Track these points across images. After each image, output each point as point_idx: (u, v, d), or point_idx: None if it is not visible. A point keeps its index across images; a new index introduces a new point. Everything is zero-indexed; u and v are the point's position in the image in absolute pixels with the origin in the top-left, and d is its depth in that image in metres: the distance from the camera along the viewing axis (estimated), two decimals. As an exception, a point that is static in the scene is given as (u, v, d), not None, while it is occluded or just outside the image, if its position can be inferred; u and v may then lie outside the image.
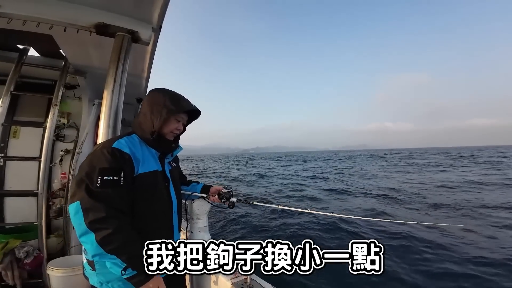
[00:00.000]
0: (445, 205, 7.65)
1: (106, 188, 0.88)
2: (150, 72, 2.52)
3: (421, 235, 4.94)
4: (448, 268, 3.76)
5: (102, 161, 0.91)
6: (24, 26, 1.58)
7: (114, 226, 0.85)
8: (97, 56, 2.17)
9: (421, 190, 10.26)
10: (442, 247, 4.45)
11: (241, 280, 1.18)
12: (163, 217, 1.11)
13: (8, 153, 2.59)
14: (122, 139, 1.02)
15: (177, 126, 1.15)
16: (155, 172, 1.07)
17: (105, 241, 0.84)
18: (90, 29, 1.56)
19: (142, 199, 1.01)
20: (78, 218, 0.84)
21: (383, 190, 10.63)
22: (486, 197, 8.63)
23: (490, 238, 4.93)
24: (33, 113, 2.74)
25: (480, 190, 10.01)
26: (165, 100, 1.08)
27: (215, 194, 1.47)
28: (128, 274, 0.87)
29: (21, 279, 2.18)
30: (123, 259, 0.86)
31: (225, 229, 5.94)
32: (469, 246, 4.51)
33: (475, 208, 7.13)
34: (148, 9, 1.58)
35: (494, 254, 4.12)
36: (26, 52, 2.36)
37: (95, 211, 0.84)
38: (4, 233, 2.32)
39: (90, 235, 0.84)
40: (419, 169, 19.87)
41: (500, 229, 5.37)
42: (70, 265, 1.97)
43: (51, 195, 2.60)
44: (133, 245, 0.89)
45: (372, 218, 4.22)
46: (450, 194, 9.44)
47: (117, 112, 1.57)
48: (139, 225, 0.98)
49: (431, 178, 14.10)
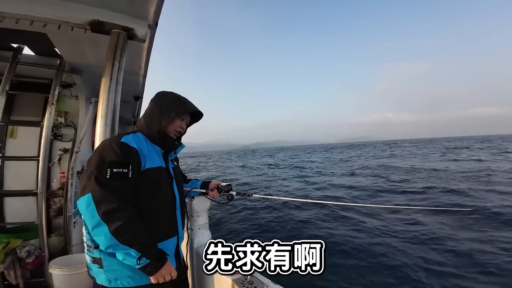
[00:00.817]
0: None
1: (116, 180, 0.91)
2: (147, 70, 2.50)
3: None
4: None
5: (111, 154, 0.94)
6: (17, 25, 1.55)
7: (127, 217, 0.88)
8: (92, 54, 2.15)
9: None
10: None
11: (241, 277, 1.19)
12: (167, 212, 1.14)
13: (6, 153, 2.58)
14: (129, 135, 1.06)
15: (181, 125, 1.21)
16: (159, 168, 1.11)
17: (118, 232, 0.85)
18: (85, 27, 1.54)
19: (147, 194, 1.04)
20: (90, 210, 0.86)
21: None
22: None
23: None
24: (30, 113, 2.72)
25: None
26: (173, 101, 1.18)
27: (214, 189, 1.50)
28: (142, 263, 0.90)
29: (24, 279, 2.19)
30: (136, 249, 0.88)
31: (224, 226, 5.98)
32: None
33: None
34: (144, 5, 1.55)
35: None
36: (20, 51, 2.33)
37: (108, 203, 0.86)
38: (4, 233, 2.33)
39: (103, 227, 0.85)
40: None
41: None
42: (72, 264, 1.98)
43: (50, 195, 2.60)
44: (144, 235, 0.92)
45: (372, 205, 4.25)
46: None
47: (114, 110, 1.56)
48: (144, 219, 0.99)
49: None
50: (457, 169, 12.72)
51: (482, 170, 11.95)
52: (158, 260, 0.94)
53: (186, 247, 1.60)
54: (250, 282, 1.14)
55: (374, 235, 4.66)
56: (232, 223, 6.04)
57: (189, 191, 1.51)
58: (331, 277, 3.35)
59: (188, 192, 1.51)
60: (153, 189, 1.07)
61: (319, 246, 0.93)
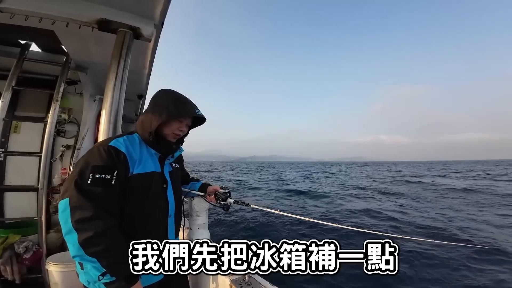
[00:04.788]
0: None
1: (97, 187, 0.86)
2: (152, 69, 2.52)
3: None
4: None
5: (96, 159, 0.90)
6: (26, 22, 1.58)
7: (99, 228, 0.82)
8: (98, 52, 2.17)
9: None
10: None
11: (239, 278, 1.19)
12: (156, 220, 1.07)
13: (8, 148, 2.59)
14: (121, 138, 1.00)
15: (179, 127, 1.12)
16: (151, 174, 1.04)
17: (87, 243, 0.80)
18: (92, 25, 1.57)
19: (134, 200, 0.98)
20: (65, 215, 0.82)
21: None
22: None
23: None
24: (34, 109, 2.74)
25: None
26: (168, 102, 1.06)
27: (212, 194, 1.44)
28: (106, 279, 0.83)
29: (20, 274, 2.18)
30: (103, 265, 0.82)
31: (225, 226, 5.95)
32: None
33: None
34: (150, 5, 1.58)
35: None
36: (28, 48, 2.37)
37: (82, 210, 0.81)
38: (3, 228, 2.33)
39: (73, 235, 0.80)
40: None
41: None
42: (69, 261, 1.97)
43: (51, 191, 2.61)
44: (117, 251, 0.85)
45: (370, 231, 4.22)
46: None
47: (118, 108, 1.57)
48: (129, 227, 0.96)
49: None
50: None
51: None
52: (126, 279, 0.85)
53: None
54: (248, 283, 1.14)
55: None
56: (231, 222, 6.02)
57: (188, 192, 1.50)
58: (326, 278, 3.33)
59: (187, 193, 1.50)
60: (142, 195, 1.00)
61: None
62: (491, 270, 3.84)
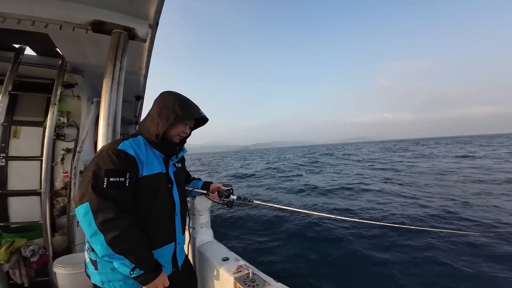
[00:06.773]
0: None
1: (113, 190, 0.90)
2: (148, 69, 2.50)
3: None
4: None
5: (108, 163, 0.93)
6: (19, 25, 1.56)
7: (123, 227, 0.88)
8: (94, 54, 2.15)
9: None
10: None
11: (244, 275, 1.20)
12: (164, 219, 1.12)
13: (9, 153, 2.60)
14: (127, 141, 1.03)
15: (184, 129, 1.16)
16: (158, 175, 1.08)
17: (114, 242, 0.86)
18: (86, 27, 1.55)
19: (144, 201, 1.03)
20: (87, 219, 0.86)
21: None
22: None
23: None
24: (33, 113, 2.73)
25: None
26: (175, 105, 1.09)
27: (215, 191, 1.49)
28: (136, 273, 0.90)
29: (29, 277, 2.22)
30: (131, 260, 0.89)
31: (227, 225, 5.99)
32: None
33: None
34: (144, 5, 1.55)
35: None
36: (22, 51, 2.34)
37: (105, 212, 0.86)
38: (9, 233, 2.35)
39: (99, 236, 0.86)
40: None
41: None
42: (76, 263, 2.00)
43: (54, 194, 2.63)
44: (140, 246, 0.92)
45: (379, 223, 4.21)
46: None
47: (116, 110, 1.56)
48: (141, 226, 1.00)
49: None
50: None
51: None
52: (152, 271, 0.94)
53: (188, 246, 1.61)
54: (252, 280, 1.15)
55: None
56: (232, 221, 6.04)
57: (190, 191, 1.51)
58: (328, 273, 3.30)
59: (190, 192, 1.52)
60: (151, 196, 1.05)
61: None
62: None
